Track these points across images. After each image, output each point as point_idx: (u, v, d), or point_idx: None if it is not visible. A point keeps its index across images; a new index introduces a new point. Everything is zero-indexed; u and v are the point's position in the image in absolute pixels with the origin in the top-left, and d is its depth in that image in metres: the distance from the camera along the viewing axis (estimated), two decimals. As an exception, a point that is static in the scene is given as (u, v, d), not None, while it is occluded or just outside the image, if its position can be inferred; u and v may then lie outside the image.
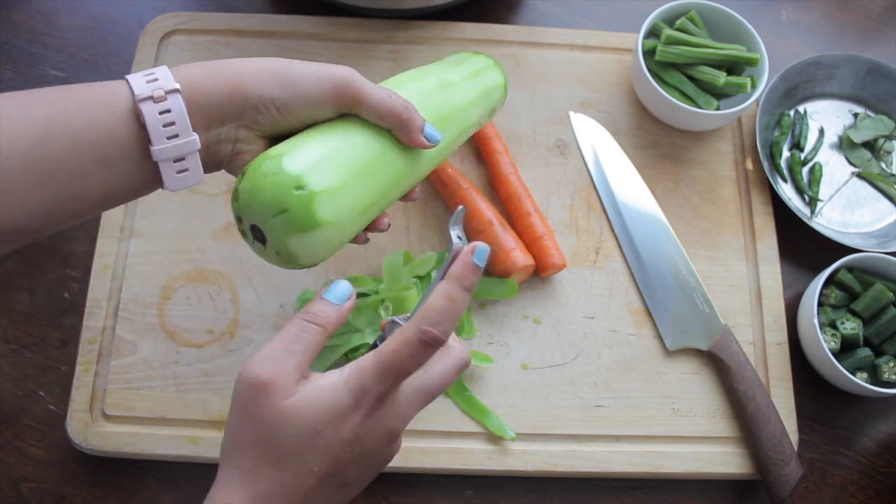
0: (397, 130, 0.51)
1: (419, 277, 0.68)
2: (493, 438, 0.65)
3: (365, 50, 0.79)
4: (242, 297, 0.69)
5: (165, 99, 0.45)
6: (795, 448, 0.66)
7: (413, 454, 0.65)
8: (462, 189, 0.70)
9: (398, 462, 0.64)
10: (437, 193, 0.73)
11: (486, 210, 0.69)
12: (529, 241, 0.70)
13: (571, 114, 0.78)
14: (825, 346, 0.66)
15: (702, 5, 0.77)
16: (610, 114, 0.79)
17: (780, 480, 0.64)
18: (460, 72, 0.62)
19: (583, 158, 0.77)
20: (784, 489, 0.64)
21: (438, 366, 0.46)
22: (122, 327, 0.67)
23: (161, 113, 0.45)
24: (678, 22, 0.77)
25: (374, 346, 0.47)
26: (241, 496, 0.43)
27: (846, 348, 0.69)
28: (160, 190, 0.49)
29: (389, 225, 0.55)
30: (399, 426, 0.46)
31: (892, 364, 0.67)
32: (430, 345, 0.44)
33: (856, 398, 0.71)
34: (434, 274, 0.68)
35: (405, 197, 0.56)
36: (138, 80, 0.46)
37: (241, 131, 0.49)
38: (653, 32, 0.77)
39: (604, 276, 0.72)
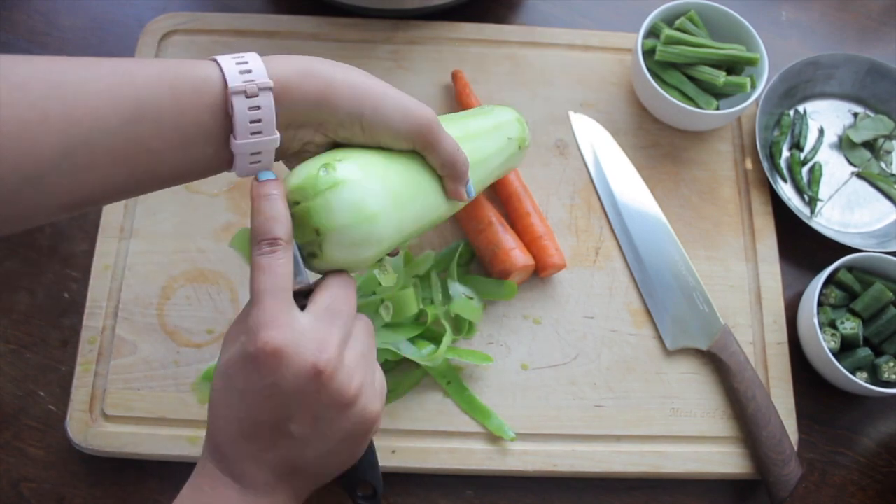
0: (450, 180, 0.54)
1: (419, 277, 0.68)
2: (493, 438, 0.65)
3: (365, 50, 0.79)
4: (242, 297, 0.69)
5: (257, 95, 0.45)
6: (795, 448, 0.66)
7: (413, 454, 0.65)
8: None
9: (398, 462, 0.64)
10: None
11: (487, 210, 0.69)
12: (529, 241, 0.70)
13: (571, 114, 0.78)
14: (825, 345, 0.66)
15: (702, 5, 0.77)
16: (610, 114, 0.79)
17: (780, 480, 0.64)
18: (483, 122, 0.63)
19: (583, 158, 0.77)
20: (784, 489, 0.64)
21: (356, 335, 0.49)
22: (122, 327, 0.67)
23: (251, 109, 0.45)
24: (678, 22, 0.77)
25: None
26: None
27: (846, 348, 0.69)
28: (161, 190, 0.49)
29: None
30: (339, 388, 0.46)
31: (892, 364, 0.67)
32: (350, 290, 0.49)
33: (856, 398, 0.71)
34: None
35: None
36: (231, 69, 0.45)
37: (318, 136, 0.50)
38: (653, 32, 0.77)
39: (604, 276, 0.72)
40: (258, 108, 0.45)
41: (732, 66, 0.76)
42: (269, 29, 0.79)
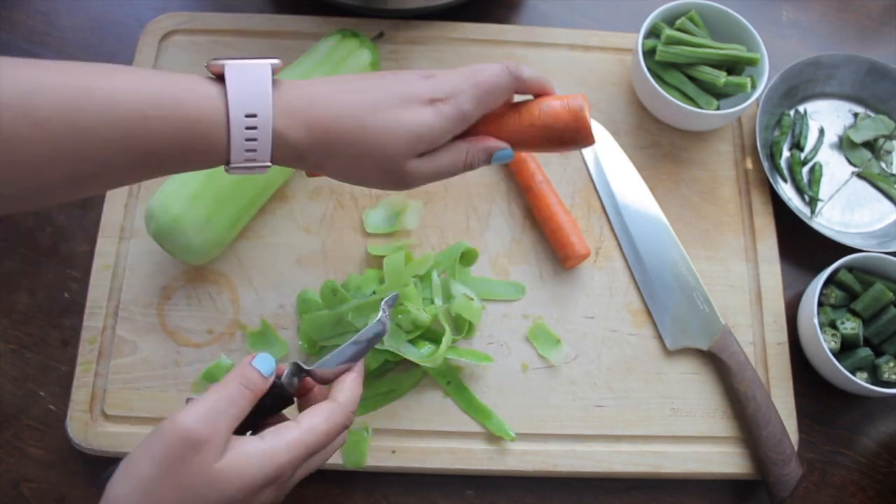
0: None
1: (419, 277, 0.68)
2: (493, 438, 0.65)
3: (365, 50, 0.79)
4: (242, 297, 0.69)
5: (255, 122, 0.47)
6: (795, 448, 0.66)
7: (413, 454, 0.65)
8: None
9: (398, 462, 0.64)
10: (437, 194, 0.73)
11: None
12: (552, 231, 0.72)
13: (571, 114, 0.78)
14: (825, 346, 0.66)
15: (702, 5, 0.77)
16: (610, 114, 0.79)
17: (780, 480, 0.64)
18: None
19: (583, 158, 0.77)
20: (784, 489, 0.64)
21: (324, 451, 0.49)
22: (122, 327, 0.67)
23: (247, 139, 0.47)
24: (678, 22, 0.76)
25: (274, 384, 0.50)
26: None
27: (846, 348, 0.69)
28: None
29: None
30: (283, 497, 0.48)
31: (892, 364, 0.67)
32: (346, 428, 0.50)
33: (856, 398, 0.71)
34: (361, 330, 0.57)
35: None
36: (238, 138, 0.47)
37: None
38: (653, 32, 0.77)
39: (604, 276, 0.72)
40: (255, 139, 0.47)
41: (733, 66, 0.76)
42: (269, 29, 0.79)
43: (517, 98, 0.56)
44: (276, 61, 0.48)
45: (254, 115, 0.47)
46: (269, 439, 0.46)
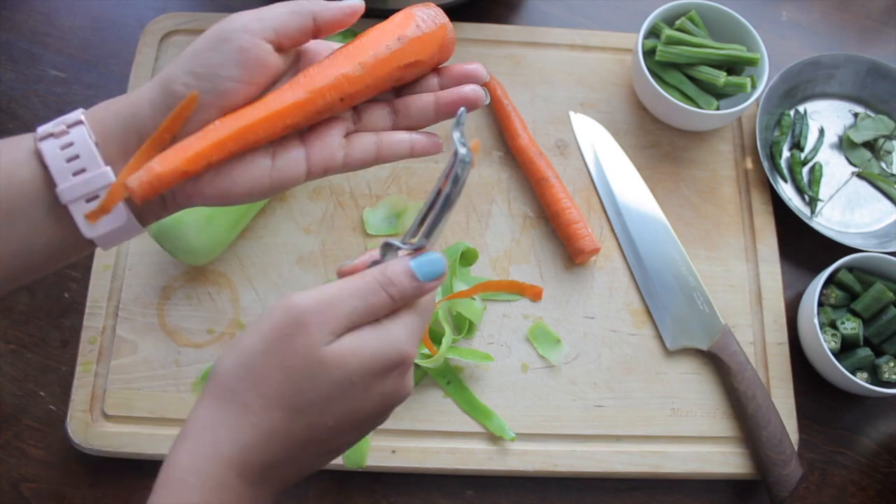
0: None
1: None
2: (493, 438, 0.65)
3: (365, 50, 0.79)
4: (242, 297, 0.69)
5: (67, 133, 0.41)
6: (795, 448, 0.66)
7: (413, 454, 0.65)
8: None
9: (398, 462, 0.64)
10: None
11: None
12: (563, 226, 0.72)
13: (571, 114, 0.78)
14: (825, 346, 0.66)
15: (702, 5, 0.77)
16: (610, 114, 0.79)
17: (780, 480, 0.64)
18: None
19: (583, 158, 0.77)
20: (784, 489, 0.64)
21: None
22: (122, 327, 0.67)
23: (63, 148, 0.41)
24: (678, 22, 0.76)
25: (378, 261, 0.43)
26: (234, 439, 0.39)
27: (846, 348, 0.69)
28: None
29: None
30: (407, 390, 0.43)
31: (892, 364, 0.67)
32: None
33: (856, 398, 0.71)
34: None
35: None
36: (45, 125, 0.42)
37: None
38: (653, 32, 0.77)
39: (604, 276, 0.72)
40: (71, 144, 0.41)
41: (733, 67, 0.76)
42: (269, 29, 0.79)
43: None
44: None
45: (65, 131, 0.41)
46: (385, 323, 0.41)
